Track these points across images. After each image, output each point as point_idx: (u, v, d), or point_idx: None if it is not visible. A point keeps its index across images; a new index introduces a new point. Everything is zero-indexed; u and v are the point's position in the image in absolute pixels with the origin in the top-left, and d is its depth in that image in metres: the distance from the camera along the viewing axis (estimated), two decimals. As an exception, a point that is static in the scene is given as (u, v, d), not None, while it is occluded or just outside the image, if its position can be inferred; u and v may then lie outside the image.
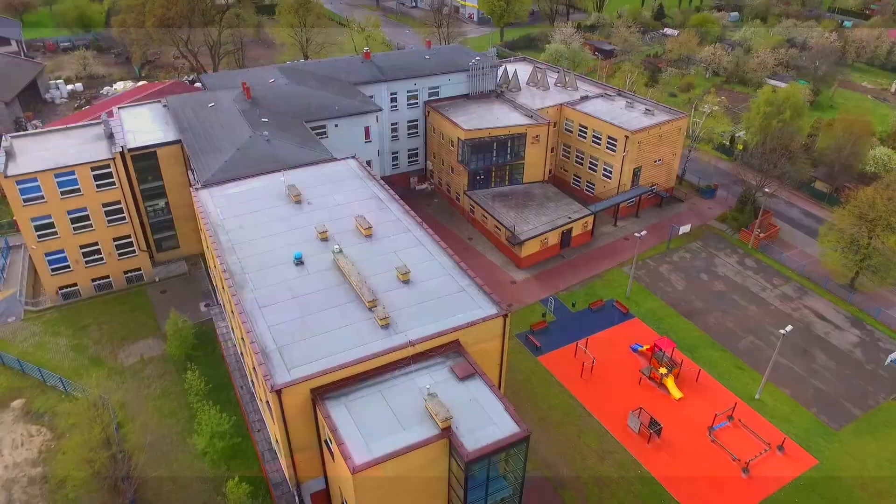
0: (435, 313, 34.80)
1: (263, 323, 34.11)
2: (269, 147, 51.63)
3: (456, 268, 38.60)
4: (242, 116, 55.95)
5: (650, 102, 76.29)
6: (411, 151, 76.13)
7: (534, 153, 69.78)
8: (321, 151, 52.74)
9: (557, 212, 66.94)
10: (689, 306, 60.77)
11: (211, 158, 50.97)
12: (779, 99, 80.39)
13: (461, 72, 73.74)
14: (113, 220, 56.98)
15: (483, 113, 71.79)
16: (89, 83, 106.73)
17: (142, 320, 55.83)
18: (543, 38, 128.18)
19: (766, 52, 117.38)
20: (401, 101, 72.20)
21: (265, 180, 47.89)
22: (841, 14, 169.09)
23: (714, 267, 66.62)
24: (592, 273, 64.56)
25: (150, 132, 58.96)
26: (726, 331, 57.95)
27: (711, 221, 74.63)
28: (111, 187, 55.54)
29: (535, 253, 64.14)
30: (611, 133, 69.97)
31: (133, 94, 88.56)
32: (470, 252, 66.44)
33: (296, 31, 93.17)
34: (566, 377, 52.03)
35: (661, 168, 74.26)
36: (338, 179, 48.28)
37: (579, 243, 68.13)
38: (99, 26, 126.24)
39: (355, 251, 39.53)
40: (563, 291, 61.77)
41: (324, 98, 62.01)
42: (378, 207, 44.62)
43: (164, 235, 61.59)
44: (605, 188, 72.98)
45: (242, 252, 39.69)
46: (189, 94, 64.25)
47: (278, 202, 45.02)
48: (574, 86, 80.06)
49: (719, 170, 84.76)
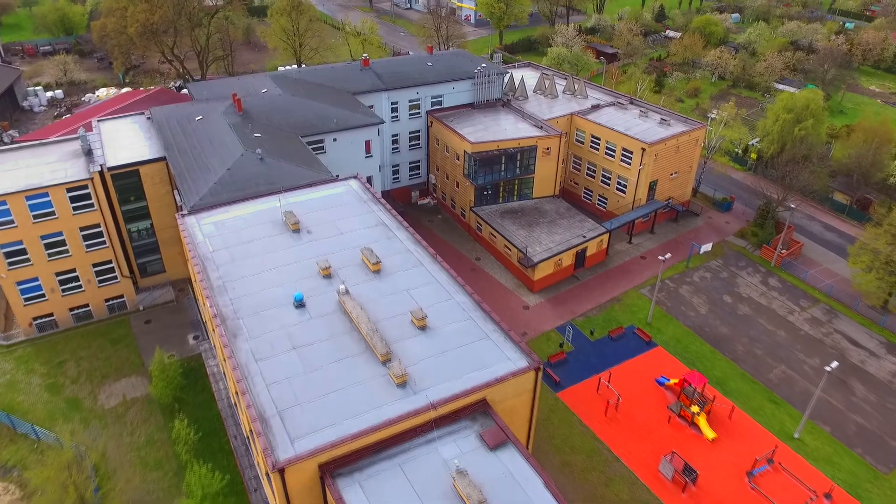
0: (457, 367, 30.48)
1: (261, 381, 29.63)
2: (263, 166, 47.09)
3: (477, 309, 34.28)
4: (233, 131, 51.35)
5: (665, 112, 72.29)
6: (413, 164, 71.74)
7: (544, 167, 65.59)
8: (320, 170, 48.26)
9: (570, 230, 62.76)
10: (714, 332, 56.80)
11: (198, 179, 46.36)
12: (798, 105, 76.61)
13: (466, 79, 69.43)
14: (92, 245, 52.28)
15: (489, 124, 67.51)
16: (70, 90, 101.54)
17: (124, 355, 51.10)
18: (544, 41, 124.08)
19: (773, 56, 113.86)
20: (402, 111, 67.78)
21: (259, 205, 43.37)
22: (841, 16, 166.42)
23: (737, 288, 62.69)
24: (609, 296, 60.44)
25: (133, 148, 54.25)
26: (756, 360, 54.00)
27: (730, 237, 70.75)
28: (90, 209, 50.85)
29: (549, 275, 59.96)
30: (626, 145, 65.91)
31: (116, 102, 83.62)
32: (478, 274, 62.12)
33: (288, 36, 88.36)
34: (589, 416, 47.85)
35: (676, 181, 70.32)
36: (339, 203, 43.82)
37: (594, 263, 64.01)
38: (81, 29, 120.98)
39: (363, 290, 35.13)
40: (579, 317, 57.59)
41: (321, 110, 57.49)
42: (385, 237, 40.21)
43: (148, 259, 56.85)
44: (618, 203, 68.91)
45: (235, 292, 35.17)
46: (175, 106, 59.51)
47: (274, 231, 40.51)
48: (584, 93, 75.96)
49: (733, 180, 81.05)
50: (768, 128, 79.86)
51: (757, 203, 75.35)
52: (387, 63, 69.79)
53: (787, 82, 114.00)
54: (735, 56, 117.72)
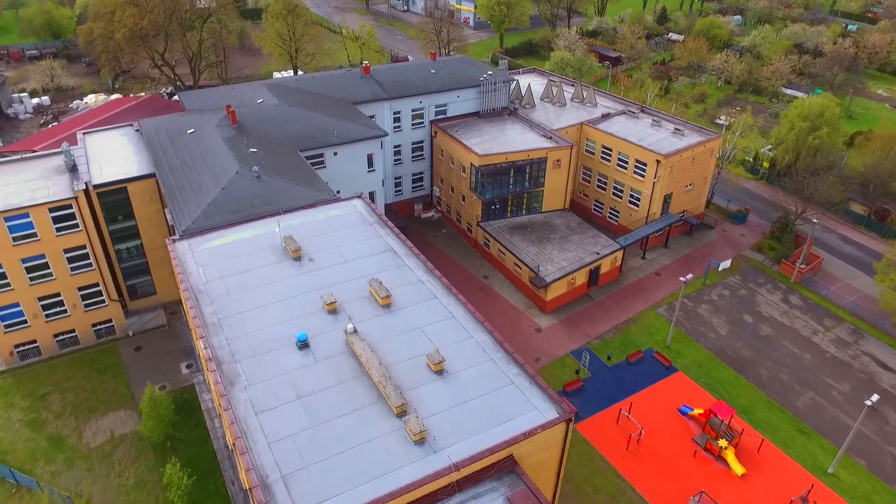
0: (480, 419, 27.42)
1: (262, 437, 26.47)
2: (260, 185, 43.88)
3: (498, 349, 31.23)
4: (227, 146, 48.11)
5: (678, 121, 69.41)
6: (416, 176, 68.62)
7: (554, 179, 62.62)
8: (320, 189, 45.10)
9: (583, 246, 59.80)
10: (737, 355, 53.95)
11: (191, 200, 43.13)
12: (813, 113, 73.90)
13: (471, 87, 66.35)
14: (78, 268, 48.96)
15: (496, 134, 64.47)
16: (57, 96, 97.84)
17: (112, 387, 47.78)
18: (545, 45, 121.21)
19: (780, 60, 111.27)
20: (405, 121, 64.65)
21: (256, 228, 40.19)
22: (843, 17, 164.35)
23: (757, 306, 59.87)
24: (625, 317, 57.50)
25: (120, 163, 50.95)
26: (782, 385, 51.18)
27: (746, 251, 67.96)
28: (74, 230, 47.54)
29: (562, 295, 56.98)
30: (639, 156, 62.99)
31: (105, 110, 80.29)
32: (486, 293, 59.07)
33: (284, 41, 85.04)
34: (610, 450, 44.87)
35: (691, 193, 67.48)
36: (343, 226, 40.68)
37: (608, 280, 61.05)
38: (69, 33, 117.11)
39: (372, 328, 32.01)
40: (595, 340, 54.63)
41: (320, 122, 54.31)
42: (395, 265, 37.11)
43: (138, 281, 53.55)
44: (631, 216, 65.99)
45: (232, 330, 31.99)
46: (165, 118, 56.21)
47: (274, 258, 37.34)
48: (593, 101, 73.02)
49: (745, 190, 78.14)
50: (782, 136, 77.18)
51: (771, 214, 72.71)
52: (388, 70, 66.65)
53: (794, 87, 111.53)
54: (741, 60, 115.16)
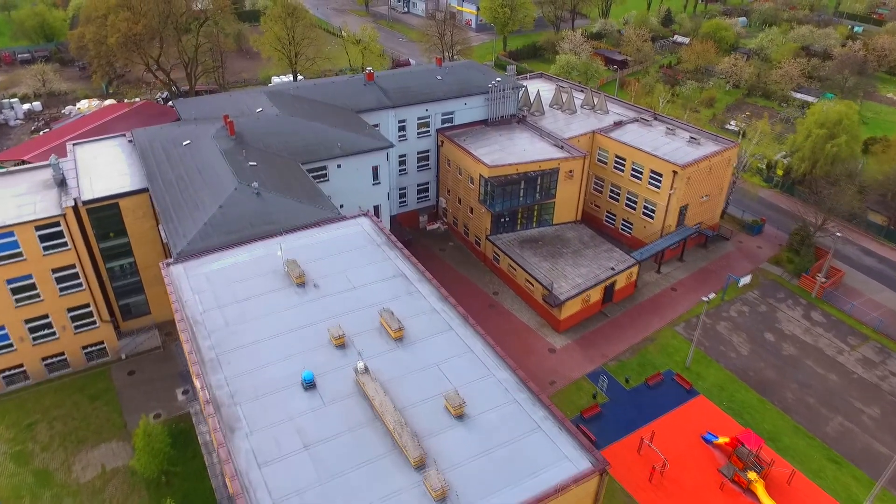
0: (506, 472, 24.88)
1: (266, 495, 23.85)
2: (260, 203, 41.25)
3: (522, 389, 28.67)
4: (225, 159, 45.47)
5: (693, 129, 66.96)
6: (421, 186, 66.04)
7: (566, 190, 60.11)
8: (324, 206, 42.49)
9: (597, 261, 57.27)
10: (760, 377, 51.48)
11: (186, 219, 40.48)
12: (830, 120, 71.50)
13: (479, 94, 63.79)
14: (67, 288, 46.28)
15: (505, 143, 61.92)
16: (49, 101, 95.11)
17: (104, 415, 45.08)
18: (549, 47, 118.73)
19: (789, 63, 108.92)
20: (410, 130, 62.08)
21: (256, 250, 37.59)
22: (848, 19, 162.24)
23: (778, 323, 57.41)
24: (642, 336, 54.99)
25: (112, 177, 48.25)
26: (809, 410, 48.73)
27: (764, 264, 65.49)
28: (63, 249, 44.84)
29: (576, 313, 54.45)
30: (655, 167, 60.50)
31: (98, 117, 77.54)
32: (496, 311, 56.50)
33: (283, 45, 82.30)
34: (632, 483, 42.34)
35: (706, 204, 65.03)
36: (349, 248, 38.08)
37: (622, 297, 58.54)
38: (62, 36, 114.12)
39: (384, 365, 29.43)
40: (611, 361, 52.10)
41: (323, 132, 51.69)
42: (406, 291, 34.52)
43: (131, 301, 50.87)
44: (645, 229, 63.50)
45: (231, 368, 29.38)
46: (160, 128, 53.53)
47: (276, 285, 34.73)
48: (604, 108, 70.51)
49: (759, 198, 75.49)
50: (798, 143, 74.78)
51: (787, 224, 70.34)
52: (392, 77, 64.03)
53: (804, 91, 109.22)
54: (749, 63, 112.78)
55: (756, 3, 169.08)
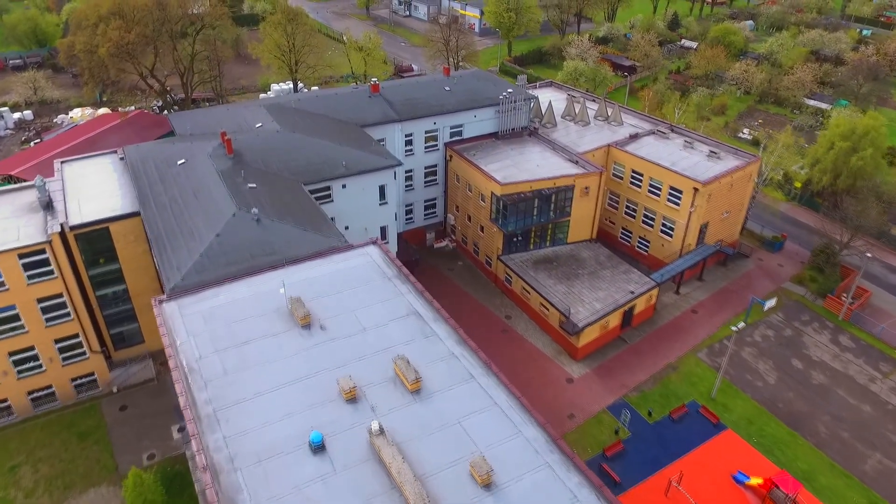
0: (543, 556, 21.94)
1: (269, 586, 20.93)
2: (260, 230, 38.29)
3: (554, 450, 25.77)
4: (222, 181, 42.48)
5: (712, 141, 64.12)
6: (428, 203, 63.12)
7: (581, 208, 57.26)
8: (329, 233, 39.54)
9: (615, 283, 54.41)
10: (790, 409, 48.66)
11: (180, 248, 37.52)
12: (857, 133, 68.65)
13: (489, 107, 60.89)
14: (54, 319, 43.32)
15: (517, 158, 59.03)
16: (41, 110, 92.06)
17: (93, 455, 42.10)
18: (555, 53, 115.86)
19: (802, 69, 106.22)
20: (417, 144, 59.17)
21: (257, 285, 34.63)
22: (857, 22, 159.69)
23: (805, 349, 54.61)
24: (663, 363, 52.16)
25: (102, 198, 45.23)
26: (843, 445, 45.90)
27: (786, 283, 62.68)
28: (49, 277, 41.87)
29: (594, 340, 51.56)
30: (674, 183, 57.64)
31: (90, 128, 74.70)
32: (510, 337, 53.60)
33: (283, 52, 79.29)
34: (661, 530, 39.44)
35: (727, 221, 62.19)
36: (358, 282, 35.13)
37: (641, 320, 55.72)
38: (55, 41, 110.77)
39: (401, 423, 26.50)
40: (633, 392, 49.24)
41: (326, 150, 48.74)
42: (421, 333, 31.59)
43: (123, 329, 47.86)
44: (663, 247, 60.65)
45: (230, 426, 26.44)
46: (153, 145, 50.57)
47: (279, 325, 31.78)
48: (618, 119, 67.63)
49: (776, 212, 72.68)
50: (819, 155, 71.93)
51: (806, 238, 67.69)
52: (398, 88, 61.06)
53: (817, 97, 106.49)
54: (760, 69, 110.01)
55: (762, 6, 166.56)
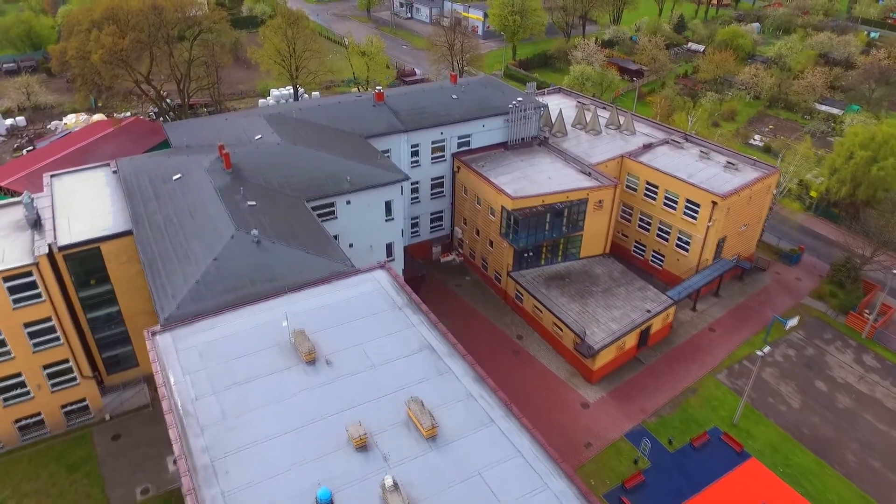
0: None
1: None
2: (260, 253, 35.94)
3: None
4: (220, 199, 40.13)
5: (728, 151, 61.88)
6: (434, 215, 60.81)
7: (595, 222, 54.99)
8: (334, 256, 37.20)
9: (630, 301, 52.13)
10: (816, 435, 46.39)
11: (175, 273, 35.17)
12: (876, 141, 66.41)
13: (498, 116, 58.58)
14: (42, 343, 40.97)
15: (528, 170, 56.73)
16: (35, 116, 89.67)
17: (84, 489, 39.73)
18: (561, 56, 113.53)
19: (812, 73, 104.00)
20: (423, 155, 56.87)
21: (257, 315, 32.29)
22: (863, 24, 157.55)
23: (828, 370, 52.36)
24: (682, 386, 49.86)
25: (93, 216, 42.81)
26: (875, 476, 43.63)
27: (806, 299, 60.41)
28: (36, 301, 39.50)
29: (610, 361, 49.28)
30: (691, 196, 55.39)
31: (84, 136, 72.38)
32: (521, 359, 51.28)
33: (283, 58, 76.87)
34: (686, 571, 37.21)
35: (744, 234, 59.98)
36: (365, 312, 32.80)
37: (658, 339, 53.44)
38: (50, 44, 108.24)
39: (416, 475, 24.19)
40: (651, 418, 46.94)
41: (330, 164, 46.40)
42: (436, 370, 29.26)
43: (116, 352, 45.46)
44: (678, 262, 58.40)
45: (230, 479, 24.11)
46: (147, 158, 48.23)
47: (281, 362, 29.44)
48: (631, 128, 65.35)
49: (792, 222, 70.33)
50: (838, 164, 69.63)
51: (824, 250, 65.53)
52: (404, 96, 58.69)
53: (828, 102, 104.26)
54: (770, 73, 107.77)
55: (768, 8, 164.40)
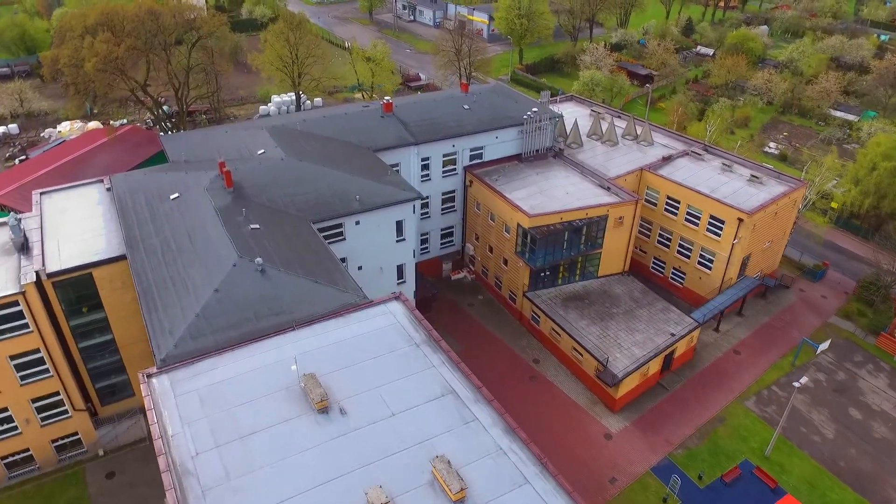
0: None
1: None
2: (265, 283, 33.22)
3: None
4: (220, 221, 37.41)
5: (751, 163, 59.28)
6: (445, 231, 58.13)
7: (614, 239, 52.36)
8: (346, 285, 34.49)
9: (653, 324, 49.49)
10: (854, 469, 43.77)
11: (172, 306, 32.44)
12: (901, 152, 63.95)
13: (512, 127, 55.92)
14: (30, 377, 38.22)
15: (544, 184, 54.07)
16: (28, 123, 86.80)
17: (73, 535, 37.05)
18: (569, 61, 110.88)
19: (826, 78, 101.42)
20: (434, 169, 54.21)
21: (262, 354, 29.57)
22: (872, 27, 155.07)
23: (862, 395, 49.78)
24: (709, 414, 47.22)
25: (85, 238, 40.04)
26: (919, 514, 41.07)
27: (833, 318, 57.84)
28: (23, 332, 36.76)
29: (633, 389, 46.62)
30: (715, 212, 52.77)
31: (79, 145, 69.81)
32: (539, 384, 48.60)
33: (286, 64, 74.14)
34: None
35: (768, 251, 57.40)
36: (381, 350, 30.08)
37: (681, 363, 50.82)
38: (45, 48, 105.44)
39: (444, 550, 21.47)
40: (678, 450, 44.27)
41: (337, 181, 43.68)
42: (461, 419, 26.55)
43: (110, 382, 42.73)
44: (700, 280, 55.77)
45: (233, 555, 21.37)
46: (143, 175, 45.47)
47: (290, 411, 26.71)
48: (649, 139, 62.72)
49: (812, 234, 67.57)
50: (861, 176, 67.03)
51: (847, 264, 63.02)
52: (413, 106, 55.97)
53: (843, 108, 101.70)
54: (783, 77, 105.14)
55: (776, 10, 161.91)
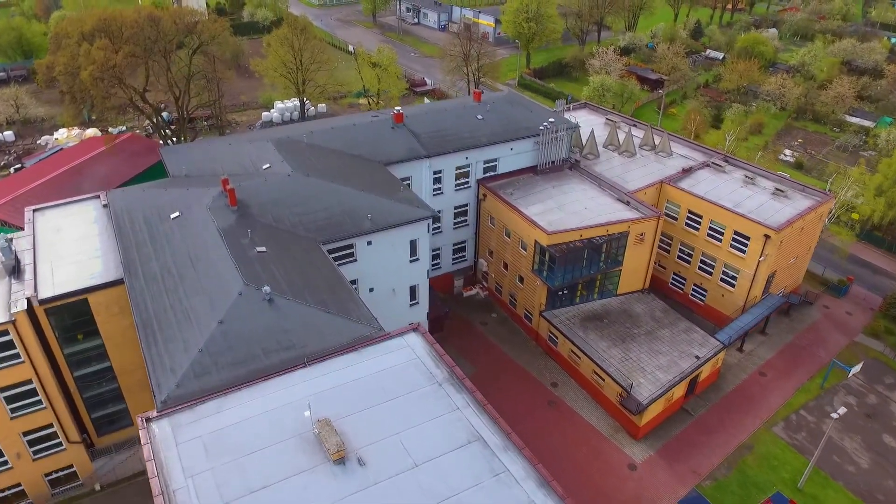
0: None
1: None
2: (274, 314, 30.93)
3: None
4: (225, 243, 35.12)
5: (774, 175, 57.04)
6: (457, 246, 55.88)
7: (634, 256, 50.11)
8: (359, 316, 32.22)
9: (676, 346, 47.23)
10: (892, 502, 41.49)
11: (174, 340, 30.14)
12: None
13: (527, 138, 53.66)
14: (21, 409, 36.02)
15: (561, 198, 51.81)
16: (24, 130, 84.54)
17: (67, 579, 34.75)
18: (577, 65, 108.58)
19: (840, 82, 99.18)
20: (446, 182, 51.96)
21: (271, 393, 27.29)
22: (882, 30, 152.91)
23: (895, 421, 47.53)
24: (736, 441, 44.97)
25: (80, 261, 37.74)
26: (962, 551, 38.81)
27: (859, 336, 55.63)
28: (14, 362, 34.54)
29: (657, 415, 44.37)
30: (740, 228, 50.53)
31: (76, 154, 67.85)
32: (558, 410, 46.32)
33: (290, 70, 71.83)
34: None
35: (792, 267, 55.19)
36: (399, 389, 27.81)
37: (705, 386, 48.59)
38: (42, 52, 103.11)
39: None
40: (706, 481, 42.01)
41: (348, 199, 41.40)
42: (490, 470, 24.29)
43: (108, 412, 40.44)
44: (723, 297, 53.53)
45: None
46: (142, 191, 43.14)
47: (303, 460, 24.42)
48: (667, 149, 60.45)
49: (832, 247, 65.24)
50: (885, 187, 64.77)
51: (873, 280, 60.75)
52: (424, 117, 53.67)
53: (859, 114, 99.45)
54: (796, 82, 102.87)
55: (784, 12, 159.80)
